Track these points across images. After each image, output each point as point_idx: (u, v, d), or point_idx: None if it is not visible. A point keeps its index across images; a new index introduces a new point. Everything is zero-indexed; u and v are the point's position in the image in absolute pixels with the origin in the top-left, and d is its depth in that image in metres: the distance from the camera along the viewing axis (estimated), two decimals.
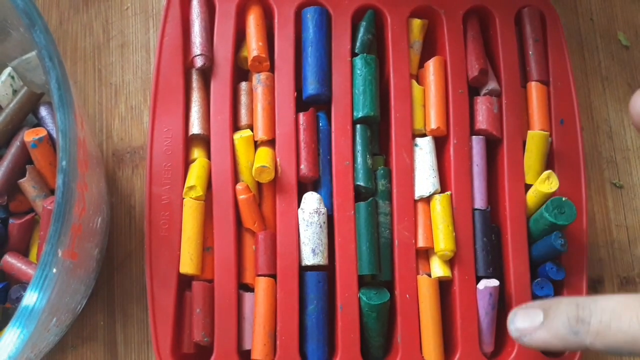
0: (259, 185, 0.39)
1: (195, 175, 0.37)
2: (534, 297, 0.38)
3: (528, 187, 0.39)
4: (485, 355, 0.37)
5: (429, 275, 0.38)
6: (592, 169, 0.44)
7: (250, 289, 0.38)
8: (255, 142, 0.39)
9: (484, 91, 0.41)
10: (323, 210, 0.38)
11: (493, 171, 0.41)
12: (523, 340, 0.29)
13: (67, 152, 0.27)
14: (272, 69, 0.40)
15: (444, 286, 0.39)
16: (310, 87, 0.39)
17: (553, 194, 0.38)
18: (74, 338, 0.39)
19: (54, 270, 0.26)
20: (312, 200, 0.38)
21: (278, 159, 0.38)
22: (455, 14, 0.41)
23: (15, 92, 0.38)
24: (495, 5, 0.41)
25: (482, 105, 0.40)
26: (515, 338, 0.29)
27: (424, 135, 0.40)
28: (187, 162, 0.39)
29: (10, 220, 0.36)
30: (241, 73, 0.41)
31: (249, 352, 0.37)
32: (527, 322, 0.29)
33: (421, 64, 0.42)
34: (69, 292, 0.32)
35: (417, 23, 0.41)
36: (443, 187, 0.39)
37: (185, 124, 0.39)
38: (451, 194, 0.39)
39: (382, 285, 0.38)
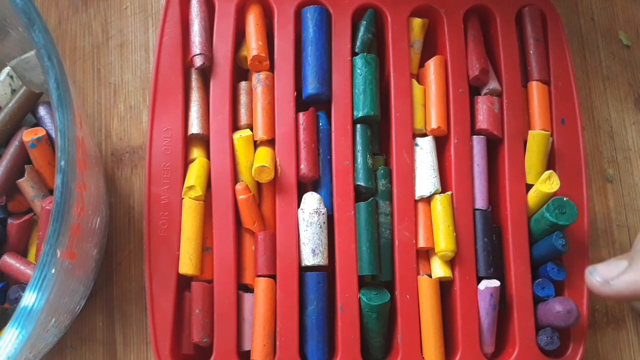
0: (259, 185, 0.39)
1: (195, 175, 0.37)
2: (535, 297, 0.38)
3: (529, 187, 0.39)
4: (486, 356, 0.37)
5: (430, 276, 0.38)
6: (593, 168, 0.44)
7: (249, 289, 0.38)
8: (255, 141, 0.39)
9: (484, 91, 0.41)
10: (323, 210, 0.37)
11: (494, 171, 0.40)
12: (607, 287, 0.29)
13: (65, 152, 0.27)
14: (271, 68, 0.40)
15: (444, 287, 0.39)
16: (310, 86, 0.39)
17: (554, 194, 0.38)
18: (73, 339, 0.39)
19: (53, 270, 0.26)
20: (312, 201, 0.38)
21: (278, 159, 0.38)
22: (455, 13, 0.41)
23: (14, 91, 0.38)
24: (496, 5, 0.41)
25: (483, 105, 0.40)
26: (597, 287, 0.29)
27: (424, 135, 0.40)
28: (187, 162, 0.39)
29: (9, 221, 0.36)
30: (241, 72, 0.41)
31: (248, 352, 0.36)
32: (611, 269, 0.29)
33: (422, 64, 0.41)
34: (68, 292, 0.32)
35: (417, 22, 0.41)
36: (444, 187, 0.39)
37: (185, 124, 0.39)
38: (452, 194, 0.39)
39: (382, 286, 0.38)
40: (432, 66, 0.40)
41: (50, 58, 0.28)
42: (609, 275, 0.30)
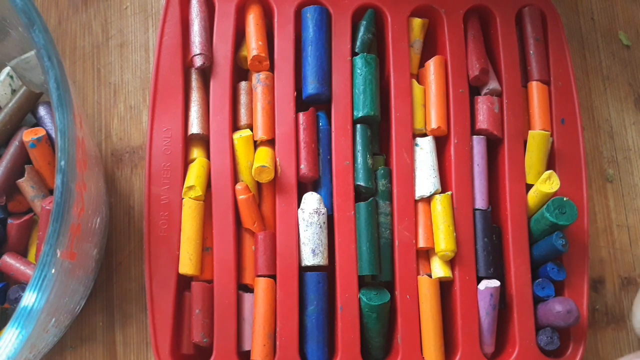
0: (259, 185, 0.39)
1: (195, 175, 0.37)
2: (535, 297, 0.38)
3: (529, 187, 0.39)
4: (486, 356, 0.37)
5: (430, 276, 0.38)
6: (593, 168, 0.44)
7: (249, 289, 0.38)
8: (255, 141, 0.39)
9: (484, 91, 0.41)
10: (323, 210, 0.37)
11: (494, 171, 0.40)
12: None
13: (65, 152, 0.27)
14: (271, 68, 0.40)
15: (444, 287, 0.39)
16: (310, 86, 0.39)
17: (554, 194, 0.38)
18: (73, 339, 0.39)
19: (53, 270, 0.26)
20: (312, 201, 0.38)
21: (278, 159, 0.38)
22: (455, 13, 0.41)
23: (14, 91, 0.38)
24: (496, 5, 0.41)
25: (483, 105, 0.40)
26: None
27: (424, 135, 0.40)
28: (187, 162, 0.39)
29: (9, 221, 0.36)
30: (241, 72, 0.41)
31: (248, 353, 0.36)
32: None
33: (422, 64, 0.41)
34: (68, 292, 0.32)
35: (417, 22, 0.41)
36: (444, 187, 0.39)
37: (185, 124, 0.39)
38: (452, 194, 0.39)
39: (382, 286, 0.38)
40: (432, 66, 0.40)
41: (50, 58, 0.28)
42: None
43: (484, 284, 0.37)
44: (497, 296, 0.37)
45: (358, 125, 0.39)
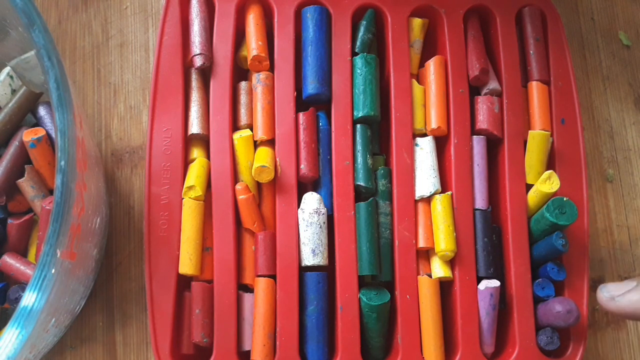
0: (259, 185, 0.39)
1: (195, 175, 0.37)
2: (535, 297, 0.38)
3: (529, 187, 0.39)
4: (486, 356, 0.37)
5: (430, 276, 0.38)
6: (593, 168, 0.44)
7: (249, 289, 0.38)
8: (255, 141, 0.39)
9: (484, 91, 0.41)
10: (323, 210, 0.37)
11: (494, 171, 0.40)
12: (612, 303, 0.31)
13: (65, 152, 0.27)
14: (271, 68, 0.40)
15: (444, 287, 0.39)
16: (310, 86, 0.39)
17: (554, 194, 0.38)
18: (73, 339, 0.39)
19: (53, 270, 0.26)
20: (312, 201, 0.38)
21: (278, 159, 0.38)
22: (455, 13, 0.41)
23: (14, 91, 0.38)
24: (496, 5, 0.41)
25: (483, 105, 0.40)
26: (603, 302, 0.31)
27: (424, 135, 0.40)
28: (187, 162, 0.39)
29: (9, 221, 0.36)
30: (241, 72, 0.41)
31: (248, 353, 0.36)
32: (620, 288, 0.31)
33: (422, 64, 0.41)
34: (68, 292, 0.32)
35: (417, 22, 0.41)
36: (444, 187, 0.39)
37: (185, 124, 0.39)
38: (452, 194, 0.39)
39: (382, 286, 0.38)
40: (432, 66, 0.40)
41: (50, 58, 0.28)
42: (616, 293, 0.31)
43: (484, 284, 0.37)
44: (497, 296, 0.37)
45: (358, 125, 0.39)
